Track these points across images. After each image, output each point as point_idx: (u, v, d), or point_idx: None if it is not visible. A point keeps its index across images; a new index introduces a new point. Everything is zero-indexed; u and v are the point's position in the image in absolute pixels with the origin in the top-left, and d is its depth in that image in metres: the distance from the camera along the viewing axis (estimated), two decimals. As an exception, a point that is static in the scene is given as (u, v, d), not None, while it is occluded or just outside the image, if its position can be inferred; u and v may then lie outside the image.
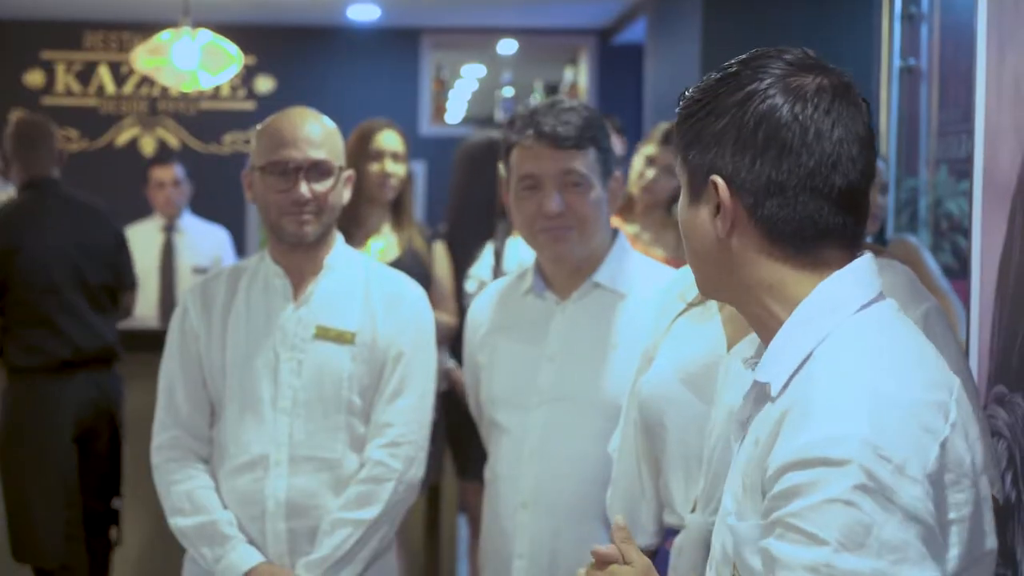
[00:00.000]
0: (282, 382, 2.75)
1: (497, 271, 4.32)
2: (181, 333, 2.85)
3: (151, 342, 4.84)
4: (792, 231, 1.46)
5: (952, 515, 1.38)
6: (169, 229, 6.51)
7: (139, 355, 4.78)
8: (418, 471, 2.78)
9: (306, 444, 2.74)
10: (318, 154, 2.72)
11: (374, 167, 4.26)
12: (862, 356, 1.42)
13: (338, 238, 2.86)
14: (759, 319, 1.52)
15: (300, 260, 2.80)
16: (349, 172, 2.82)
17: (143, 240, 6.48)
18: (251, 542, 2.74)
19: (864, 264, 1.49)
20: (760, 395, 1.50)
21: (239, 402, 2.77)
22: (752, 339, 1.66)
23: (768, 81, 1.47)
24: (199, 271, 6.30)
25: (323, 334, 2.76)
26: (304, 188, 2.70)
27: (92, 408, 4.49)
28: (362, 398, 2.77)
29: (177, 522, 2.78)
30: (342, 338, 2.76)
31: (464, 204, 4.63)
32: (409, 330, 2.80)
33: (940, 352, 1.50)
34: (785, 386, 1.44)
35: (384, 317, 2.78)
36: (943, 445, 1.37)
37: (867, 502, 1.31)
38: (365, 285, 2.81)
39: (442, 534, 4.84)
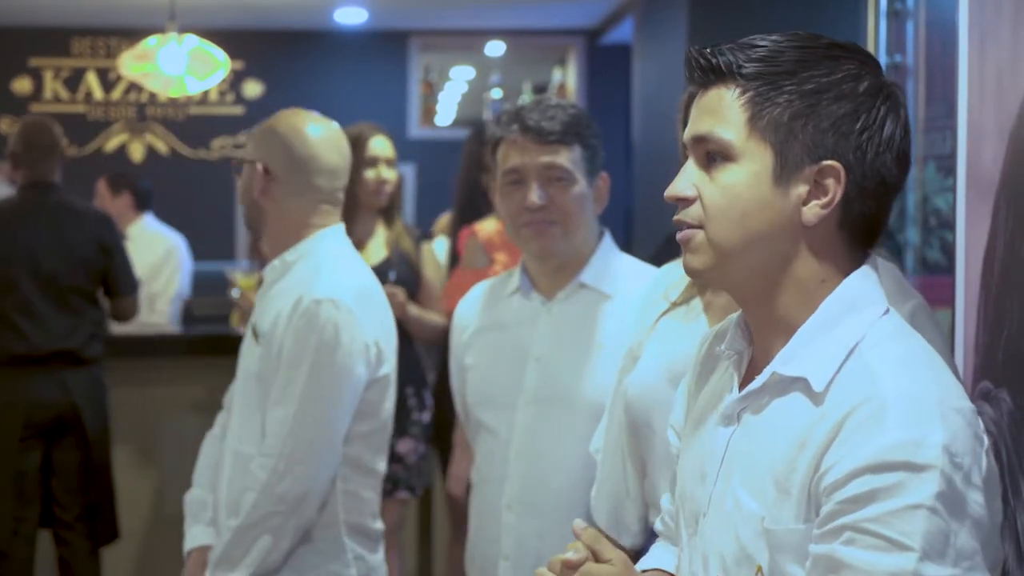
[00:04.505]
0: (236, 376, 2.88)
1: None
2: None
3: (132, 347, 4.90)
4: (867, 232, 1.46)
5: (994, 521, 1.37)
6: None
7: (123, 359, 4.80)
8: (292, 486, 2.64)
9: (238, 439, 2.78)
10: (240, 153, 2.86)
11: (369, 174, 4.24)
12: (915, 362, 1.40)
13: (310, 236, 2.82)
14: (786, 312, 1.46)
15: (269, 255, 2.88)
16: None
17: None
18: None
19: (873, 269, 1.49)
20: (780, 387, 1.45)
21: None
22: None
23: (880, 78, 1.44)
24: None
25: (252, 331, 2.81)
26: None
27: (52, 407, 4.48)
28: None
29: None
30: (255, 337, 2.79)
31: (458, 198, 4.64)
32: (294, 337, 2.69)
33: None
34: (829, 383, 1.40)
35: (285, 320, 2.72)
36: (987, 453, 1.37)
37: (946, 510, 1.29)
38: (293, 285, 2.76)
39: (434, 535, 4.84)
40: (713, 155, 1.46)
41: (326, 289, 2.70)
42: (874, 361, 1.39)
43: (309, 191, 2.80)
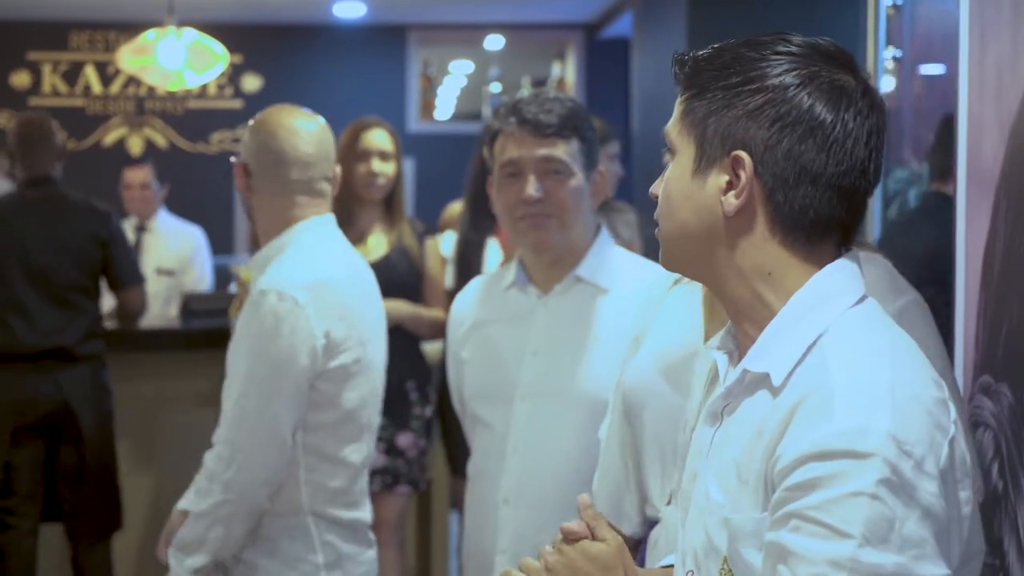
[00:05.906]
0: None
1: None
2: None
3: (133, 341, 4.90)
4: (809, 223, 1.45)
5: (956, 512, 1.37)
6: (141, 230, 6.46)
7: (124, 354, 4.80)
8: (237, 474, 2.69)
9: None
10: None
11: (361, 167, 4.23)
12: (874, 351, 1.40)
13: (289, 229, 2.85)
14: (744, 304, 1.48)
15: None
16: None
17: None
18: None
19: (853, 260, 1.49)
20: (751, 384, 1.47)
21: None
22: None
23: (814, 70, 1.44)
24: (163, 272, 6.26)
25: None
26: None
27: (43, 405, 4.46)
28: None
29: None
30: None
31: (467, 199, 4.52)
32: (240, 328, 2.76)
33: (921, 347, 1.50)
34: (788, 376, 1.42)
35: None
36: (951, 443, 1.36)
37: (890, 497, 1.29)
38: None
39: (434, 530, 4.85)
40: (670, 152, 1.54)
41: (274, 280, 2.73)
42: (831, 353, 1.41)
43: (282, 184, 2.82)
